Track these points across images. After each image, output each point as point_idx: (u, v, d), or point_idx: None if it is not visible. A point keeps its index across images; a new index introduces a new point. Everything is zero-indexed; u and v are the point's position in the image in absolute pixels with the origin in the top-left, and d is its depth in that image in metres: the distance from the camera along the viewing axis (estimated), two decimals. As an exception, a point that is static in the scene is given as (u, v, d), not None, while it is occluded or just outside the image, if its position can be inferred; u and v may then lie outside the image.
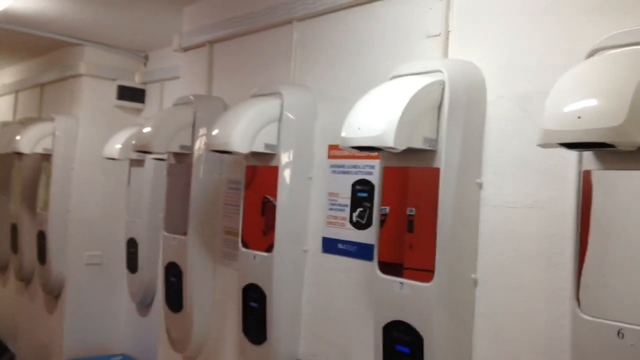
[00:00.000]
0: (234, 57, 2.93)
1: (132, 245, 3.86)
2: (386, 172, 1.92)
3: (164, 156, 3.13)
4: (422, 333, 1.75)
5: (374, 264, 1.91)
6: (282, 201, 2.31)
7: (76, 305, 4.18)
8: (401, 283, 1.81)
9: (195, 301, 2.84)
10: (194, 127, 2.82)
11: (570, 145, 1.30)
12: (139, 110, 4.30)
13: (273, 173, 2.34)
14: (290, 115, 2.34)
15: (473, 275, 1.77)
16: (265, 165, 2.39)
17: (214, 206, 2.87)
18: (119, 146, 3.69)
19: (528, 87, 1.69)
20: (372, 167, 2.11)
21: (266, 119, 2.32)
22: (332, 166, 2.28)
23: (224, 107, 2.88)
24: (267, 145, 2.33)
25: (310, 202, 2.36)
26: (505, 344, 1.69)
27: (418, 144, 1.74)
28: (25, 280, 4.68)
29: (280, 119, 2.34)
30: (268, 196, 2.36)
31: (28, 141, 4.04)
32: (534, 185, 1.66)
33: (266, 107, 2.34)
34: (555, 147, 1.34)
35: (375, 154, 2.02)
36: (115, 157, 3.71)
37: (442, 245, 1.73)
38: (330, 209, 2.26)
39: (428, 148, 1.76)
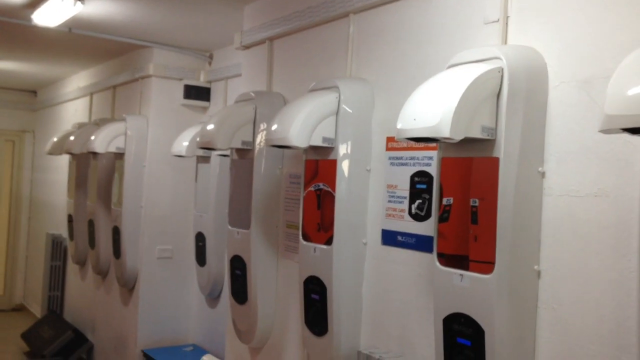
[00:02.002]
0: (292, 52, 2.97)
1: (200, 239, 3.98)
2: (444, 163, 1.90)
3: (228, 152, 3.20)
4: (483, 325, 1.72)
5: (434, 255, 1.89)
6: (341, 194, 2.32)
7: (149, 297, 4.35)
8: (461, 275, 1.79)
9: (260, 293, 2.90)
10: (254, 123, 2.87)
11: (633, 130, 1.25)
12: (205, 109, 4.42)
13: (331, 166, 2.36)
14: (347, 109, 2.35)
15: (536, 267, 1.72)
16: (324, 159, 2.41)
17: (276, 200, 2.91)
18: (186, 144, 3.81)
19: (591, 71, 1.63)
20: (431, 158, 2.09)
21: (323, 112, 2.34)
22: (390, 158, 2.27)
23: (283, 102, 2.91)
24: (325, 139, 2.35)
25: (369, 195, 2.36)
26: (570, 336, 1.64)
27: (476, 133, 1.71)
28: (102, 273, 4.91)
29: (337, 113, 2.35)
30: (324, 188, 2.38)
31: (102, 141, 4.23)
32: (598, 172, 1.60)
33: (323, 101, 2.35)
34: (618, 133, 1.29)
35: (433, 144, 2.00)
36: (183, 154, 3.83)
37: (502, 236, 1.70)
38: (389, 201, 2.26)
39: (487, 137, 1.73)
